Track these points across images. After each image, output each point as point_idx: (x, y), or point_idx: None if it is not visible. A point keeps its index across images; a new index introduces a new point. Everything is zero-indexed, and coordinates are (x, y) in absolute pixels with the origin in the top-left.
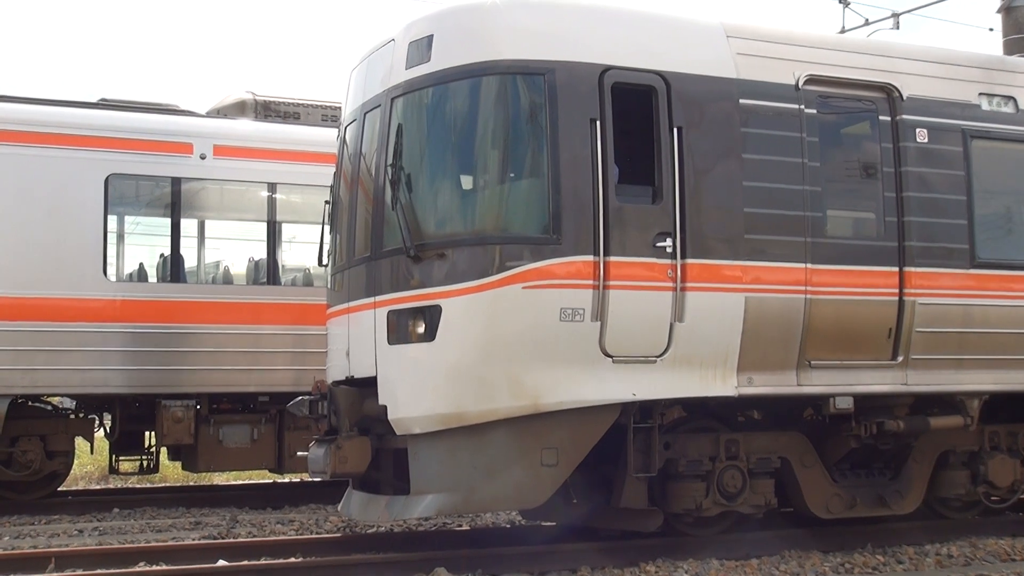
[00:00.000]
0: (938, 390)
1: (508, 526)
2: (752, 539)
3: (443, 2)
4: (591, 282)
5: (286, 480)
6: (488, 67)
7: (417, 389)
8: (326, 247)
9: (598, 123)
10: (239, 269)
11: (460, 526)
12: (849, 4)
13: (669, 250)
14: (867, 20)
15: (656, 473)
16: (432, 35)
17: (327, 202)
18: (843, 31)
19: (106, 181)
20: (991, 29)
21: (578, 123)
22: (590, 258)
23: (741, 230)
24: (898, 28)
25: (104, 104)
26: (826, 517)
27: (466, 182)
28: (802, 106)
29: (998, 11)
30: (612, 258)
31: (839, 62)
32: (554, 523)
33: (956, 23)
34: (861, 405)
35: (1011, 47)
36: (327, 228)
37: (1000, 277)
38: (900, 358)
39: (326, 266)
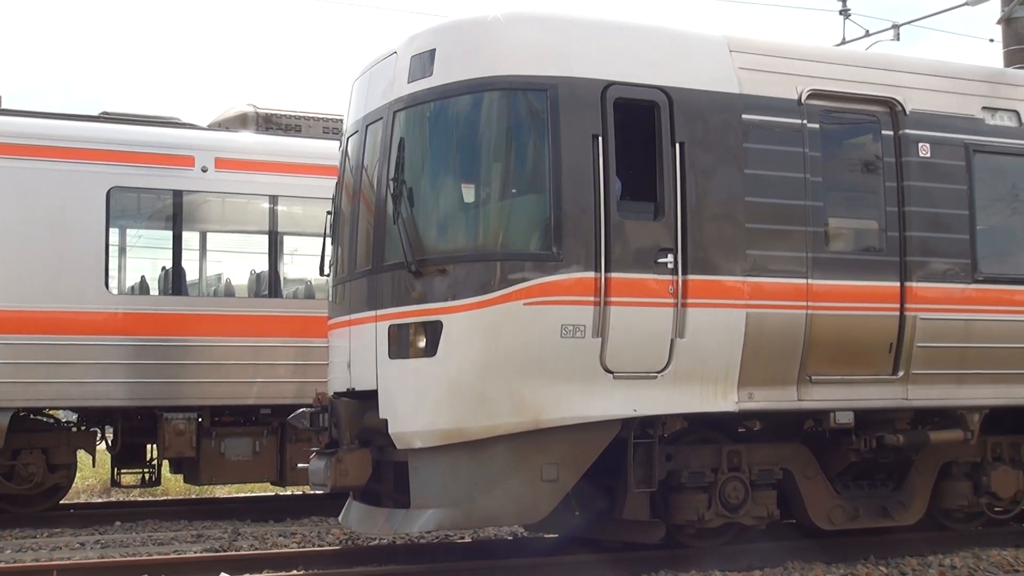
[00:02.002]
0: (939, 405)
1: (510, 538)
2: (755, 550)
3: (445, 15)
4: (592, 298)
5: (288, 493)
6: (490, 82)
7: (418, 404)
8: (327, 258)
9: (600, 139)
10: (241, 281)
11: (462, 538)
12: (850, 16)
13: (670, 266)
14: (867, 31)
15: (656, 487)
16: (435, 49)
17: (329, 212)
18: (843, 42)
19: (108, 194)
20: (991, 40)
21: (580, 139)
22: (591, 274)
23: (743, 246)
24: (898, 39)
25: (106, 117)
26: (829, 528)
27: (468, 197)
28: (805, 121)
29: (998, 22)
30: (613, 274)
31: (842, 76)
32: (556, 535)
33: (956, 34)
34: (861, 419)
35: (1012, 58)
36: (329, 238)
37: (1002, 292)
38: (901, 373)
39: (327, 276)
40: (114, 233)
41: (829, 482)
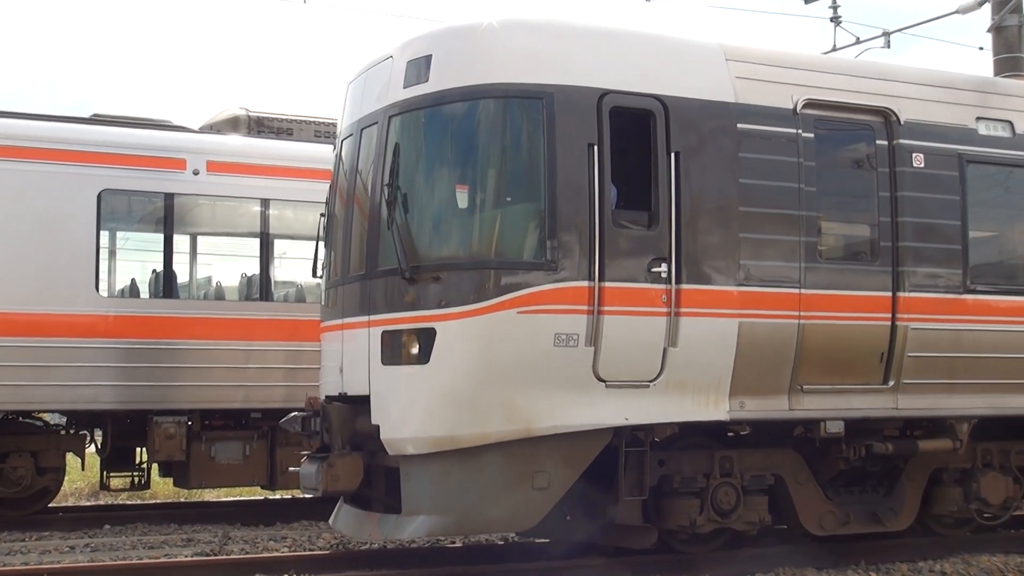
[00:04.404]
0: (928, 414)
1: (501, 543)
2: (746, 556)
3: (438, 21)
4: (585, 307)
5: (278, 496)
6: (486, 90)
7: (410, 411)
8: (320, 260)
9: (595, 148)
10: (231, 285)
11: (453, 543)
12: (840, 23)
13: (664, 275)
14: (858, 39)
15: (648, 494)
16: (430, 55)
17: (322, 215)
18: (834, 49)
19: (99, 196)
20: (981, 48)
21: (575, 148)
22: (585, 283)
23: (736, 255)
24: (889, 47)
25: (97, 119)
26: (820, 534)
27: (462, 204)
28: (799, 130)
29: (988, 30)
30: (607, 283)
31: (837, 85)
32: (548, 540)
33: (947, 42)
34: (851, 427)
35: (1002, 66)
36: (322, 241)
37: (992, 303)
38: (891, 382)
39: (320, 278)
40: (105, 236)
41: (820, 488)
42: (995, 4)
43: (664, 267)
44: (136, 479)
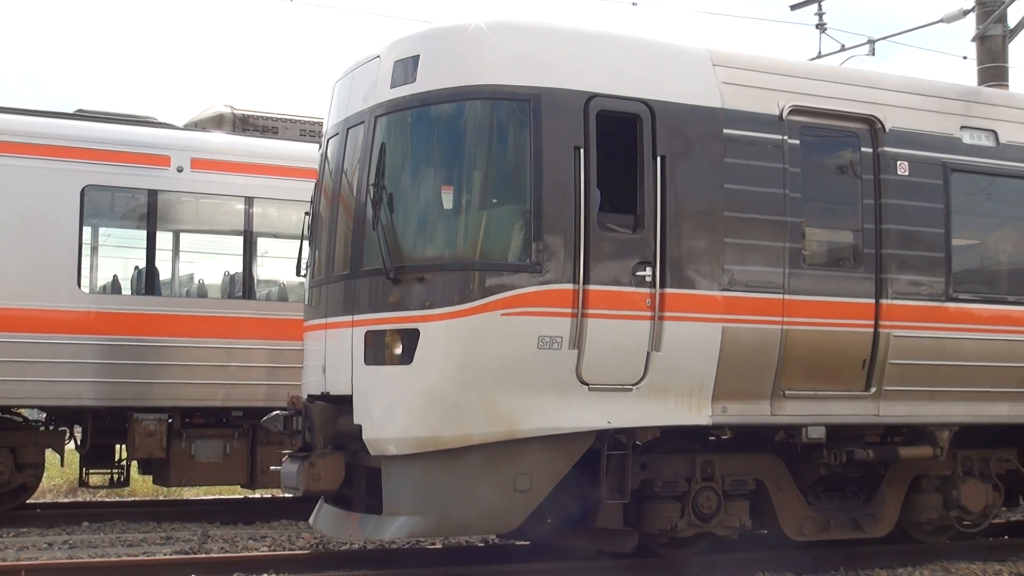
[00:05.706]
0: (909, 421)
1: (482, 545)
2: (726, 561)
3: (428, 22)
4: (570, 310)
5: (258, 495)
6: (473, 91)
7: (393, 411)
8: (304, 259)
9: (582, 151)
10: (214, 282)
11: (433, 544)
12: (826, 30)
13: (648, 279)
14: (843, 46)
15: (629, 498)
16: (418, 55)
17: (307, 214)
18: (819, 56)
19: (82, 192)
20: (965, 57)
21: (562, 150)
22: (569, 286)
23: (720, 260)
24: (873, 54)
25: (81, 115)
26: (800, 539)
27: (448, 206)
28: (785, 136)
29: (973, 39)
30: (591, 287)
31: (823, 92)
32: (528, 542)
33: (931, 51)
34: (832, 433)
35: (986, 75)
36: (306, 240)
37: (975, 311)
38: (873, 389)
39: (304, 276)
40: (88, 232)
41: (801, 493)
42: (979, 14)
43: (649, 271)
44: (115, 476)
